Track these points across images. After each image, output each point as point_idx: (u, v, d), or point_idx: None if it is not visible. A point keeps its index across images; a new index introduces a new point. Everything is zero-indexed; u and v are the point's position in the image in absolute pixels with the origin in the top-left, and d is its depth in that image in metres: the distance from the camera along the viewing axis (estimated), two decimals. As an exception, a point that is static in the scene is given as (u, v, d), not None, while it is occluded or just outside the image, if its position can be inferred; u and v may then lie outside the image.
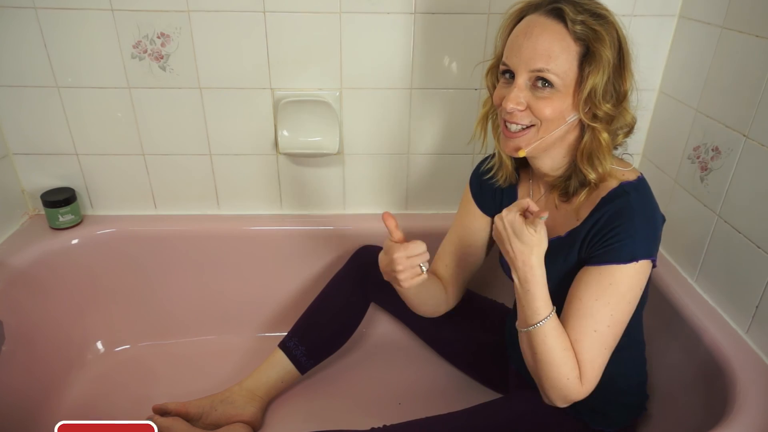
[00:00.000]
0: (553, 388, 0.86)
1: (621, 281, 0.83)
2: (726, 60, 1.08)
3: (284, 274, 1.45)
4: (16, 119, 1.28)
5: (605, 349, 0.85)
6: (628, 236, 0.82)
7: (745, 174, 1.02)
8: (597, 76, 0.79)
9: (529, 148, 0.86)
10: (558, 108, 0.82)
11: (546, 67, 0.80)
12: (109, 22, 1.19)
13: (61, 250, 1.32)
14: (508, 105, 0.83)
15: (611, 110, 0.83)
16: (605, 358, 0.85)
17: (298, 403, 1.26)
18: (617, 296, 0.83)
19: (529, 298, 0.85)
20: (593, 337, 0.84)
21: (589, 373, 0.84)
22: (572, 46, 0.80)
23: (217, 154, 1.36)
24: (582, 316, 0.84)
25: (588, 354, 0.84)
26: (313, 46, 1.25)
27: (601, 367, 0.85)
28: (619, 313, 0.84)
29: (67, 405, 1.24)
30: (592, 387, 0.85)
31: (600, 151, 0.84)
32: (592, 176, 0.86)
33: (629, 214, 0.83)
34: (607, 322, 0.83)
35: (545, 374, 0.86)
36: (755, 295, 0.99)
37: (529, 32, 0.81)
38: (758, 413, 0.87)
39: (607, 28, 0.80)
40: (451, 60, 1.28)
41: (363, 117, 1.33)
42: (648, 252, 0.83)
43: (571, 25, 0.79)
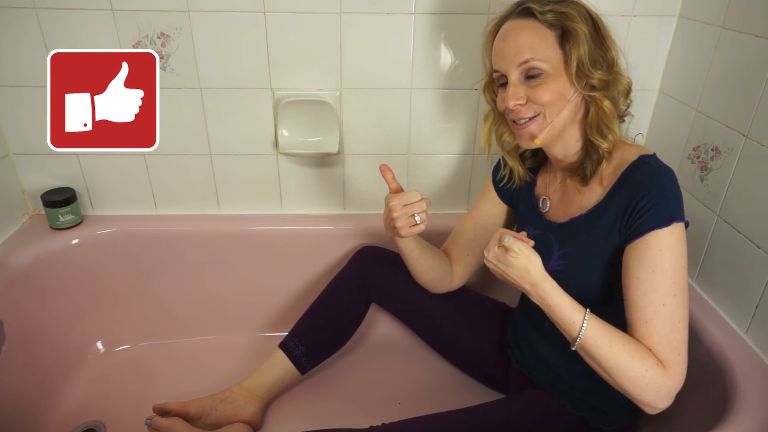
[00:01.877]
0: (640, 390, 0.81)
1: (670, 245, 0.82)
2: (726, 60, 1.08)
3: (284, 274, 1.45)
4: (16, 119, 1.28)
5: (679, 322, 0.81)
6: (662, 197, 0.83)
7: (745, 174, 1.02)
8: (579, 48, 0.85)
9: (543, 134, 0.90)
10: (555, 90, 0.87)
11: (531, 57, 0.86)
12: (109, 22, 1.19)
13: (61, 250, 1.32)
14: (510, 102, 0.89)
15: (604, 75, 0.87)
16: (683, 332, 0.81)
17: (298, 403, 1.26)
18: (672, 261, 0.82)
19: (556, 312, 0.85)
20: (663, 312, 0.81)
21: (669, 353, 0.80)
22: (548, 33, 0.86)
23: (217, 154, 1.36)
24: (644, 294, 0.82)
25: (663, 332, 0.81)
26: (313, 46, 1.25)
27: (682, 342, 0.81)
28: (679, 278, 0.82)
29: (67, 405, 1.24)
30: (681, 367, 0.81)
31: (606, 118, 0.88)
32: (604, 146, 0.89)
33: (656, 178, 0.84)
34: (673, 292, 0.81)
35: (623, 380, 0.81)
36: (755, 295, 0.99)
37: (507, 36, 0.89)
38: (758, 413, 0.87)
39: (573, 7, 0.87)
40: (451, 60, 1.28)
41: (363, 117, 1.33)
42: (682, 212, 0.84)
43: (541, 17, 0.86)
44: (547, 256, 0.97)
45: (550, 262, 0.97)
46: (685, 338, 0.82)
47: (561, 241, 0.96)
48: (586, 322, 0.83)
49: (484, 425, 0.97)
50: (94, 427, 1.19)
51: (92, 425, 1.19)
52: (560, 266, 0.95)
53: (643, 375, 0.80)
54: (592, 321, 0.83)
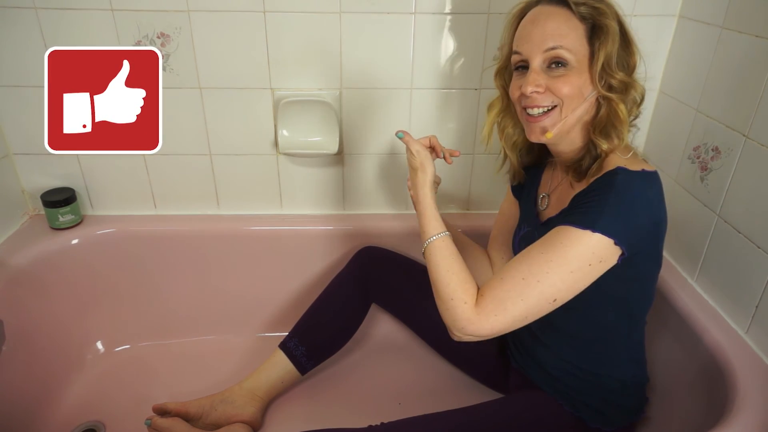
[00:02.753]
0: (442, 310, 0.89)
1: (571, 245, 0.80)
2: (726, 60, 1.08)
3: (284, 274, 1.45)
4: (16, 119, 1.28)
5: (521, 301, 0.82)
6: (596, 206, 0.81)
7: (745, 174, 1.02)
8: (608, 46, 0.83)
9: (555, 128, 0.88)
10: (576, 84, 0.85)
11: (559, 44, 0.84)
12: (109, 22, 1.19)
13: (61, 250, 1.32)
14: (528, 88, 0.86)
15: (626, 78, 0.86)
16: (519, 311, 0.82)
17: (298, 404, 1.26)
18: (561, 258, 0.81)
19: (421, 220, 0.95)
20: (518, 282, 0.82)
21: (489, 305, 0.83)
22: (579, 26, 0.84)
23: (217, 154, 1.36)
24: (521, 261, 0.84)
25: (501, 292, 0.83)
26: (313, 46, 1.25)
27: (509, 315, 0.82)
28: (554, 274, 0.81)
29: (67, 405, 1.24)
30: (489, 323, 0.83)
31: (618, 122, 0.86)
32: (604, 146, 0.87)
33: (606, 189, 0.82)
34: (539, 277, 0.81)
35: (436, 294, 0.90)
36: (755, 295, 0.99)
37: (537, 20, 0.86)
38: (758, 413, 0.87)
39: (606, 4, 0.86)
40: (451, 60, 1.28)
41: (363, 117, 1.33)
42: (610, 230, 0.79)
43: (575, 8, 0.84)
44: None
45: None
46: (514, 316, 0.83)
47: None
48: (437, 236, 0.92)
49: (483, 425, 0.97)
50: (94, 427, 1.19)
51: (92, 425, 1.19)
52: None
53: (448, 301, 0.87)
54: (443, 239, 0.92)
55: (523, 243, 1.03)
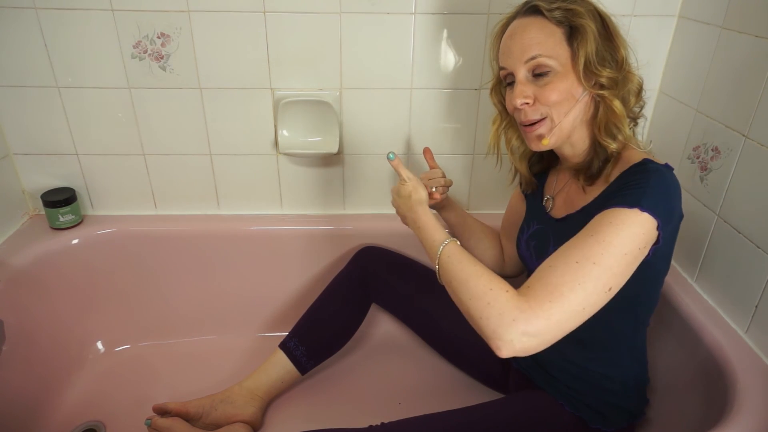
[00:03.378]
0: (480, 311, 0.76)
1: (622, 224, 0.77)
2: (726, 60, 1.08)
3: (284, 274, 1.45)
4: (17, 119, 1.28)
5: (579, 286, 0.74)
6: (639, 188, 0.80)
7: (745, 174, 1.02)
8: (587, 45, 0.84)
9: (551, 135, 0.89)
10: (563, 88, 0.86)
11: (538, 53, 0.85)
12: (109, 22, 1.19)
13: (61, 250, 1.32)
14: (517, 101, 0.87)
15: (613, 74, 0.85)
16: (577, 299, 0.74)
17: (298, 403, 1.26)
18: (614, 237, 0.77)
19: (423, 235, 0.93)
20: (572, 266, 0.76)
21: (541, 292, 0.74)
22: (556, 30, 0.85)
23: (217, 154, 1.36)
24: (570, 247, 0.79)
25: (554, 278, 0.75)
26: (313, 46, 1.25)
27: (566, 302, 0.74)
28: (611, 258, 0.76)
29: (67, 405, 1.24)
30: (545, 312, 0.73)
31: (615, 118, 0.87)
32: (613, 146, 0.88)
33: (645, 174, 0.82)
34: (595, 259, 0.76)
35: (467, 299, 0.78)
36: (755, 295, 0.99)
37: (514, 33, 0.88)
38: (758, 413, 0.87)
39: (581, 4, 0.86)
40: (451, 60, 1.28)
41: (363, 117, 1.34)
42: (654, 209, 0.78)
43: (549, 14, 0.85)
44: (544, 251, 0.97)
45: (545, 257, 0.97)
46: (571, 303, 0.74)
47: (557, 237, 0.95)
48: (447, 242, 0.87)
49: (483, 425, 0.97)
50: (94, 427, 1.19)
51: (92, 425, 1.20)
52: None
53: (484, 293, 0.76)
54: (453, 244, 0.87)
55: (531, 241, 1.03)
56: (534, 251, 1.02)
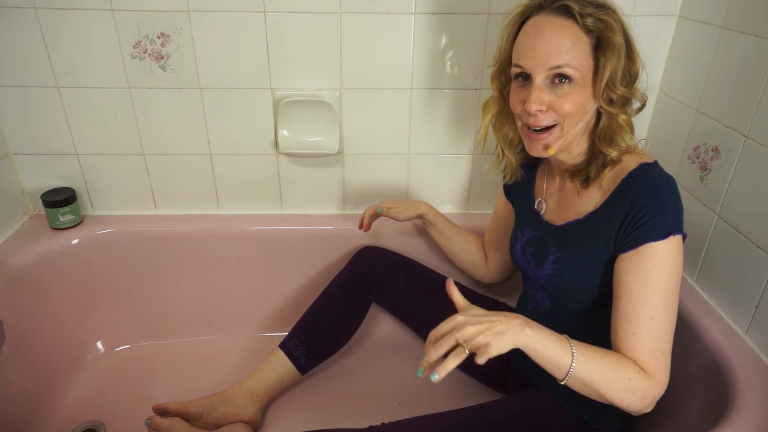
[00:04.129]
0: (629, 399, 0.80)
1: (664, 259, 0.81)
2: (726, 60, 1.08)
3: (284, 274, 1.45)
4: (17, 119, 1.28)
5: (665, 334, 0.82)
6: (659, 211, 0.81)
7: (745, 174, 1.02)
8: (613, 63, 0.81)
9: (558, 144, 0.88)
10: (578, 101, 0.84)
11: (563, 62, 0.81)
12: (109, 22, 1.19)
13: (61, 250, 1.32)
14: (532, 107, 0.84)
15: (626, 92, 0.85)
16: (668, 343, 0.83)
17: (298, 403, 1.26)
18: (664, 276, 0.81)
19: (547, 364, 0.79)
20: (651, 325, 0.81)
21: (652, 363, 0.81)
22: (584, 39, 0.82)
23: (217, 154, 1.36)
24: (635, 307, 0.82)
25: (649, 344, 0.81)
26: (313, 46, 1.25)
27: (666, 354, 0.83)
28: (670, 293, 0.82)
29: (67, 405, 1.24)
30: (664, 377, 0.82)
31: (620, 130, 0.87)
32: (614, 154, 0.87)
33: (655, 189, 0.83)
34: (662, 306, 0.81)
35: (611, 393, 0.80)
36: (755, 295, 0.99)
37: (540, 32, 0.82)
38: (758, 413, 0.87)
39: (612, 16, 0.83)
40: (451, 60, 1.28)
41: (363, 117, 1.33)
42: (680, 225, 0.83)
43: (581, 20, 0.81)
44: (543, 259, 0.97)
45: (545, 266, 0.97)
46: (669, 349, 0.83)
47: (557, 245, 0.95)
48: (574, 359, 0.78)
49: (483, 425, 0.96)
50: (94, 427, 1.19)
51: (92, 425, 1.20)
52: (555, 270, 0.95)
53: (627, 384, 0.80)
54: (578, 356, 0.79)
55: (528, 248, 1.02)
56: (532, 258, 1.01)
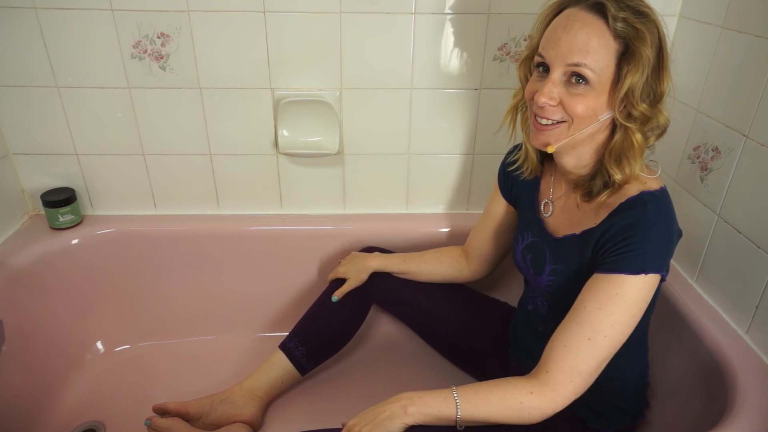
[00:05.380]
0: (524, 416, 0.83)
1: (628, 292, 0.81)
2: (726, 60, 1.08)
3: (284, 274, 1.45)
4: (16, 119, 1.28)
5: (593, 359, 0.82)
6: (641, 247, 0.80)
7: (745, 174, 1.02)
8: (636, 76, 0.78)
9: (559, 144, 0.86)
10: (591, 106, 0.81)
11: (583, 62, 0.79)
12: (109, 22, 1.19)
13: (61, 250, 1.32)
14: (541, 99, 0.82)
15: (647, 110, 0.81)
16: (593, 368, 0.83)
17: (298, 404, 1.26)
18: (622, 307, 0.81)
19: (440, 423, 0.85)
20: (585, 345, 0.82)
21: (561, 378, 0.82)
22: (611, 43, 0.79)
23: (217, 154, 1.36)
24: (581, 323, 0.83)
25: (572, 361, 0.82)
26: (313, 46, 1.25)
27: (584, 375, 0.82)
28: (620, 324, 0.81)
29: (67, 405, 1.24)
30: (569, 392, 0.83)
31: (631, 151, 0.83)
32: (617, 177, 0.84)
33: (645, 225, 0.81)
34: (605, 332, 0.81)
35: (507, 419, 0.84)
36: (755, 295, 0.99)
37: (569, 26, 0.80)
38: (758, 413, 0.87)
39: (648, 27, 0.79)
40: (451, 60, 1.28)
41: (363, 117, 1.33)
42: (658, 266, 0.81)
43: (612, 22, 0.78)
44: (541, 268, 0.97)
45: (542, 275, 0.96)
46: (589, 372, 0.83)
47: (553, 256, 0.95)
48: (458, 405, 0.84)
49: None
50: (94, 427, 1.19)
51: (92, 425, 1.19)
52: (551, 281, 0.95)
53: (520, 407, 0.83)
54: (461, 401, 0.85)
55: (527, 254, 1.01)
56: (531, 264, 1.00)
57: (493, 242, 1.18)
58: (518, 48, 1.27)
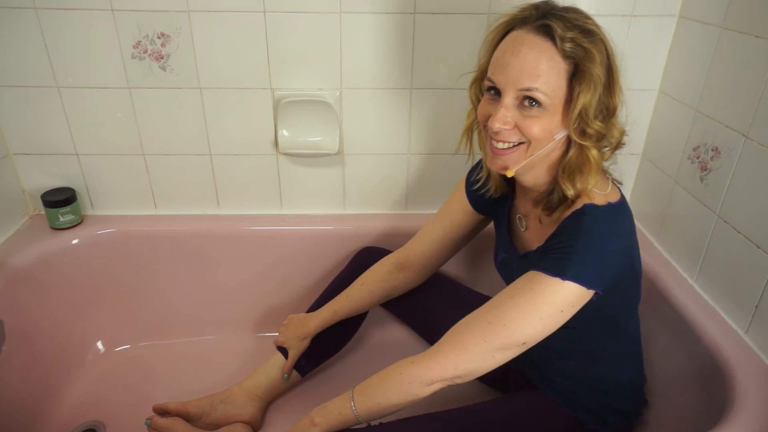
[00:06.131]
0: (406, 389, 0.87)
1: (541, 292, 0.80)
2: (726, 60, 1.08)
3: (284, 274, 1.45)
4: (17, 119, 1.28)
5: (485, 342, 0.82)
6: (565, 252, 0.79)
7: (745, 174, 1.02)
8: (588, 95, 0.77)
9: (517, 167, 0.85)
10: (547, 127, 0.80)
11: (534, 86, 0.78)
12: (109, 22, 1.19)
13: (61, 250, 1.32)
14: (495, 125, 0.81)
15: (601, 127, 0.80)
16: (483, 351, 0.82)
17: (298, 404, 1.26)
18: (530, 304, 0.80)
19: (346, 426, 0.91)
20: (484, 326, 0.82)
21: (446, 348, 0.84)
22: (561, 64, 0.78)
23: (217, 154, 1.36)
24: (491, 307, 0.84)
25: (466, 335, 0.83)
26: (313, 46, 1.25)
27: (472, 354, 0.82)
28: (524, 321, 0.80)
29: (67, 405, 1.24)
30: (450, 363, 0.84)
31: (587, 167, 0.82)
32: (570, 192, 0.83)
33: (573, 234, 0.80)
34: (506, 322, 0.81)
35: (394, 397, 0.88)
36: (755, 294, 0.99)
37: (517, 50, 0.79)
38: (758, 413, 0.87)
39: (596, 45, 0.78)
40: (451, 60, 1.28)
41: (363, 117, 1.33)
42: (580, 277, 0.78)
43: (560, 43, 0.77)
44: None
45: None
46: (477, 354, 0.83)
47: (520, 272, 0.92)
48: (351, 400, 0.90)
49: (480, 424, 0.97)
50: (94, 427, 1.19)
51: (92, 425, 1.20)
52: None
53: (400, 379, 0.86)
54: (355, 395, 0.90)
55: (502, 269, 1.03)
56: (505, 280, 1.03)
57: (443, 251, 1.14)
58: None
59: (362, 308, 1.20)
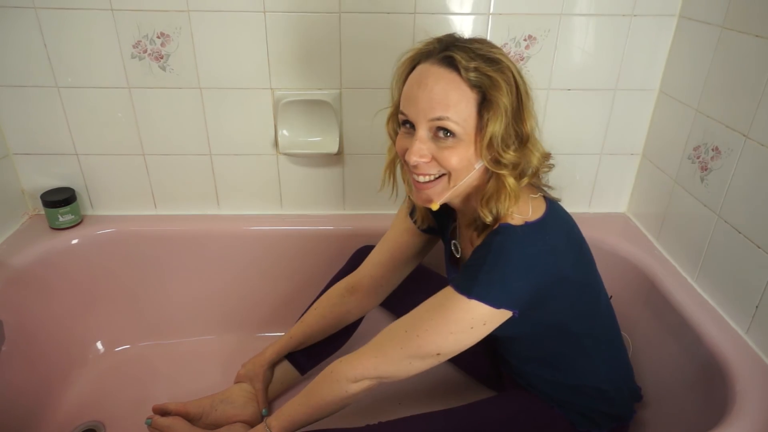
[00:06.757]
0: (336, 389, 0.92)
1: (451, 308, 0.81)
2: (726, 60, 1.08)
3: (284, 274, 1.45)
4: (17, 119, 1.28)
5: (401, 349, 0.86)
6: (474, 271, 0.80)
7: (745, 174, 1.02)
8: (496, 124, 0.77)
9: (442, 199, 0.84)
10: (464, 156, 0.80)
11: (445, 115, 0.77)
12: (109, 22, 1.19)
13: (61, 250, 1.32)
14: (412, 159, 0.80)
15: (514, 157, 0.80)
16: (399, 357, 0.86)
17: (298, 403, 1.25)
18: (440, 318, 0.82)
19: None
20: (401, 334, 0.86)
21: (368, 349, 0.89)
22: (469, 93, 0.77)
23: (217, 154, 1.36)
24: (410, 316, 0.87)
25: (385, 340, 0.88)
26: (313, 46, 1.25)
27: (388, 358, 0.87)
28: (434, 334, 0.82)
29: (67, 405, 1.24)
30: (368, 363, 0.89)
31: (503, 194, 0.81)
32: (488, 219, 0.82)
33: (485, 253, 0.80)
34: (418, 332, 0.84)
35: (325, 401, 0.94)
36: (755, 295, 0.99)
37: (423, 82, 0.79)
38: (758, 413, 0.87)
39: (502, 74, 0.78)
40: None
41: (363, 117, 1.33)
42: (485, 297, 0.78)
43: (464, 73, 0.77)
44: None
45: None
46: (393, 358, 0.87)
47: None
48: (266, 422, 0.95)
49: (475, 424, 0.97)
50: (94, 427, 1.19)
51: (92, 425, 1.20)
52: None
53: (327, 377, 0.93)
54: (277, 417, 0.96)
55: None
56: None
57: (393, 273, 1.13)
58: (518, 48, 1.27)
59: (317, 333, 1.18)
